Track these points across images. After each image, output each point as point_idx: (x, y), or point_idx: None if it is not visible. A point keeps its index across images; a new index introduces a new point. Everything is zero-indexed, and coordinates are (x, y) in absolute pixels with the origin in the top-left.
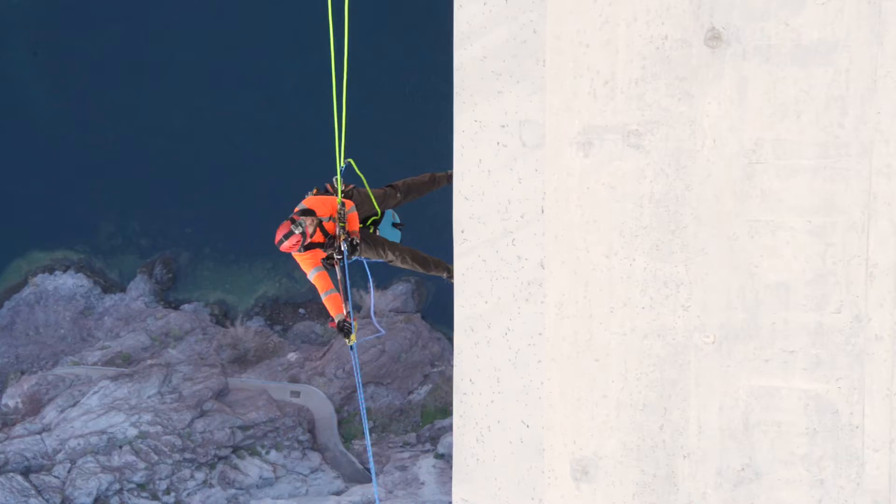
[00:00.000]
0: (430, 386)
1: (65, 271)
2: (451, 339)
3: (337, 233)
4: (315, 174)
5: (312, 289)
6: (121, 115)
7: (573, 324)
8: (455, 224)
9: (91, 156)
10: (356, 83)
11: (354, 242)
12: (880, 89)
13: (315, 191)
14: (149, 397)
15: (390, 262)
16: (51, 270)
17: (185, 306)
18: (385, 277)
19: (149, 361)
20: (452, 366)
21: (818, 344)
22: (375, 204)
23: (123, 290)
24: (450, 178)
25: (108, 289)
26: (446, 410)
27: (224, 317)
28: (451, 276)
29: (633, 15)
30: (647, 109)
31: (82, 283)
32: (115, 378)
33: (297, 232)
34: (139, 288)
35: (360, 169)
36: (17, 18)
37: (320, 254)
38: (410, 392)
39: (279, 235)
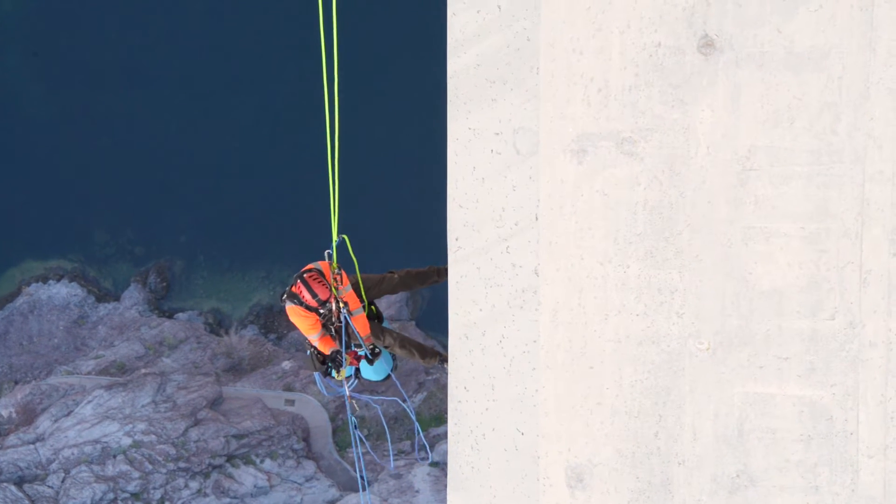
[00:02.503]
0: (425, 394)
1: (58, 280)
2: (445, 347)
3: (334, 307)
4: (310, 182)
5: None
6: (114, 124)
7: (568, 331)
8: (449, 232)
9: (85, 164)
10: (348, 92)
11: (376, 350)
12: (873, 96)
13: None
14: (143, 406)
15: (387, 346)
16: (44, 279)
17: (180, 315)
18: None
19: (143, 370)
20: (447, 374)
21: (812, 350)
22: (363, 292)
23: (117, 299)
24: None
25: (101, 298)
26: (441, 418)
27: (218, 325)
28: (443, 361)
29: (626, 22)
30: (641, 117)
31: (76, 292)
32: (108, 387)
33: (324, 310)
34: (133, 297)
35: (349, 180)
36: (12, 25)
37: (317, 318)
38: (405, 401)
39: (313, 285)
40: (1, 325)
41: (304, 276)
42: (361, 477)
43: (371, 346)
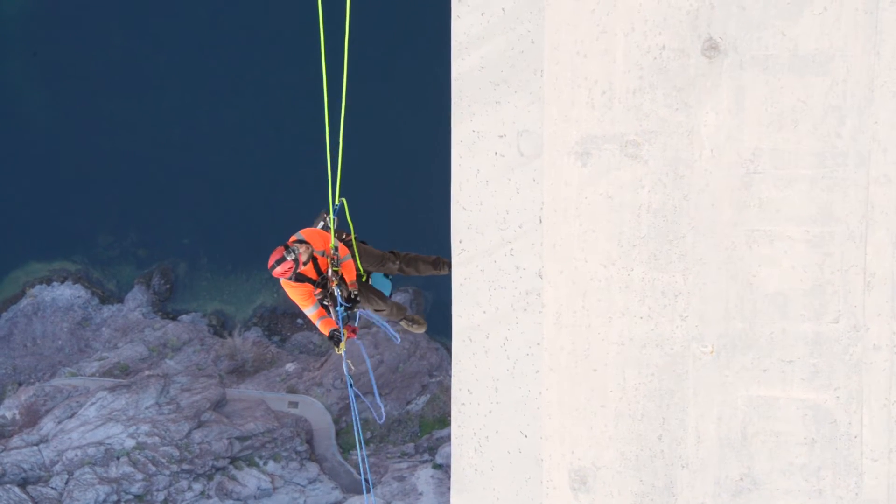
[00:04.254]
0: (429, 396)
1: (62, 282)
2: (449, 350)
3: (329, 274)
4: (312, 184)
5: None
6: (118, 126)
7: (571, 333)
8: (453, 234)
9: (88, 167)
10: (351, 95)
11: (354, 296)
12: (877, 99)
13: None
14: (146, 408)
15: (378, 311)
16: (48, 281)
17: (183, 317)
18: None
19: (146, 372)
20: (451, 376)
21: (816, 354)
22: (358, 263)
23: (121, 300)
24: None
25: (105, 300)
26: (445, 420)
27: (222, 327)
28: (412, 324)
29: (630, 25)
30: (645, 119)
31: (80, 293)
32: (112, 389)
33: (289, 258)
34: (137, 299)
35: (354, 184)
36: (13, 29)
37: (311, 289)
38: (409, 402)
39: (272, 260)
40: (5, 327)
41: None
42: (366, 480)
43: (354, 293)
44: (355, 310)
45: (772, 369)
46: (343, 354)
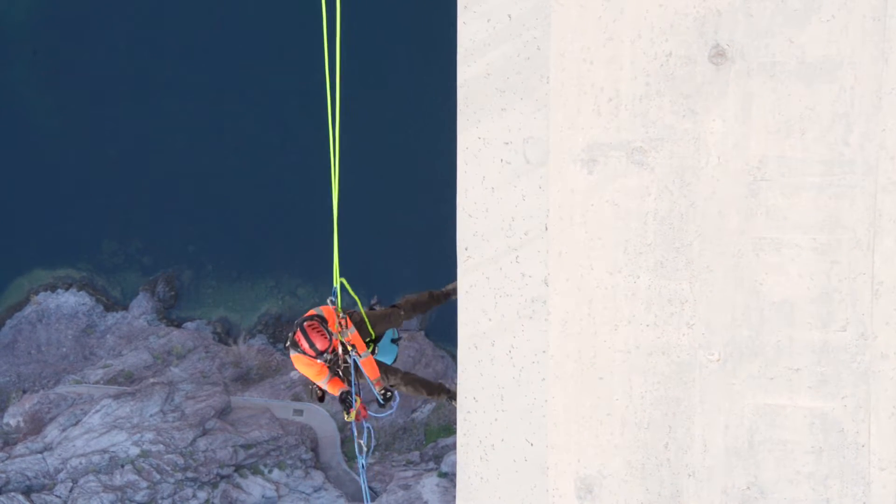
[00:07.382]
0: (434, 404)
1: (67, 289)
2: (454, 357)
3: (339, 349)
4: (318, 192)
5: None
6: (122, 133)
7: (577, 341)
8: (459, 241)
9: (93, 173)
10: (356, 101)
11: (388, 395)
12: (885, 106)
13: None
14: (151, 416)
15: (392, 385)
16: (53, 288)
17: (188, 324)
18: (388, 295)
19: (151, 380)
20: (456, 384)
21: (824, 362)
22: (369, 327)
23: (126, 308)
24: (449, 294)
25: (110, 307)
26: (450, 429)
27: (227, 335)
28: (451, 398)
29: (637, 32)
30: (652, 126)
31: (84, 301)
32: (117, 397)
33: (319, 361)
34: (141, 306)
35: (360, 189)
36: (18, 34)
37: (321, 364)
38: (414, 410)
39: (318, 340)
40: (9, 334)
41: (304, 324)
42: (371, 488)
43: (382, 391)
44: (390, 409)
45: (779, 377)
46: (353, 428)
